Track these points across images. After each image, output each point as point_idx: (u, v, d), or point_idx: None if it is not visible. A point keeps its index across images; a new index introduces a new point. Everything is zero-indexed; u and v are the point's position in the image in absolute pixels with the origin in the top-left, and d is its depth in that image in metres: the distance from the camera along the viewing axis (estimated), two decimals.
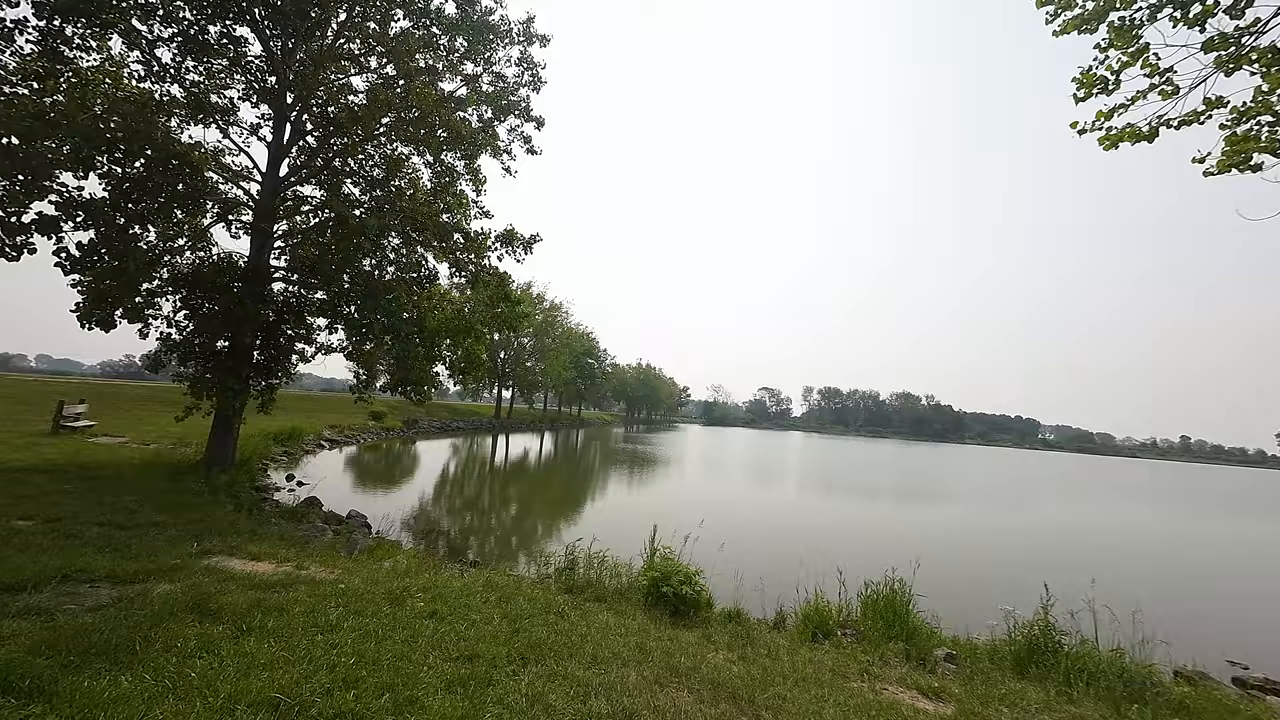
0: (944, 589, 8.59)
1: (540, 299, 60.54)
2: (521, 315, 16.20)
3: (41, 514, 7.13)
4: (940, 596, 6.81)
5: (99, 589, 4.55)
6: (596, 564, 6.74)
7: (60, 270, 10.06)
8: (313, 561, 6.33)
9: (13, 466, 10.96)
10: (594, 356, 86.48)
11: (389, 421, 36.25)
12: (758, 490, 24.99)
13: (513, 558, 10.17)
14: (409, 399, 14.24)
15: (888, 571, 6.44)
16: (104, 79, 11.57)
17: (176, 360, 12.14)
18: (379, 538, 9.96)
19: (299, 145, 14.36)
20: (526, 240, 15.97)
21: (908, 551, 9.70)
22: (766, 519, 16.71)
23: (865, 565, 7.70)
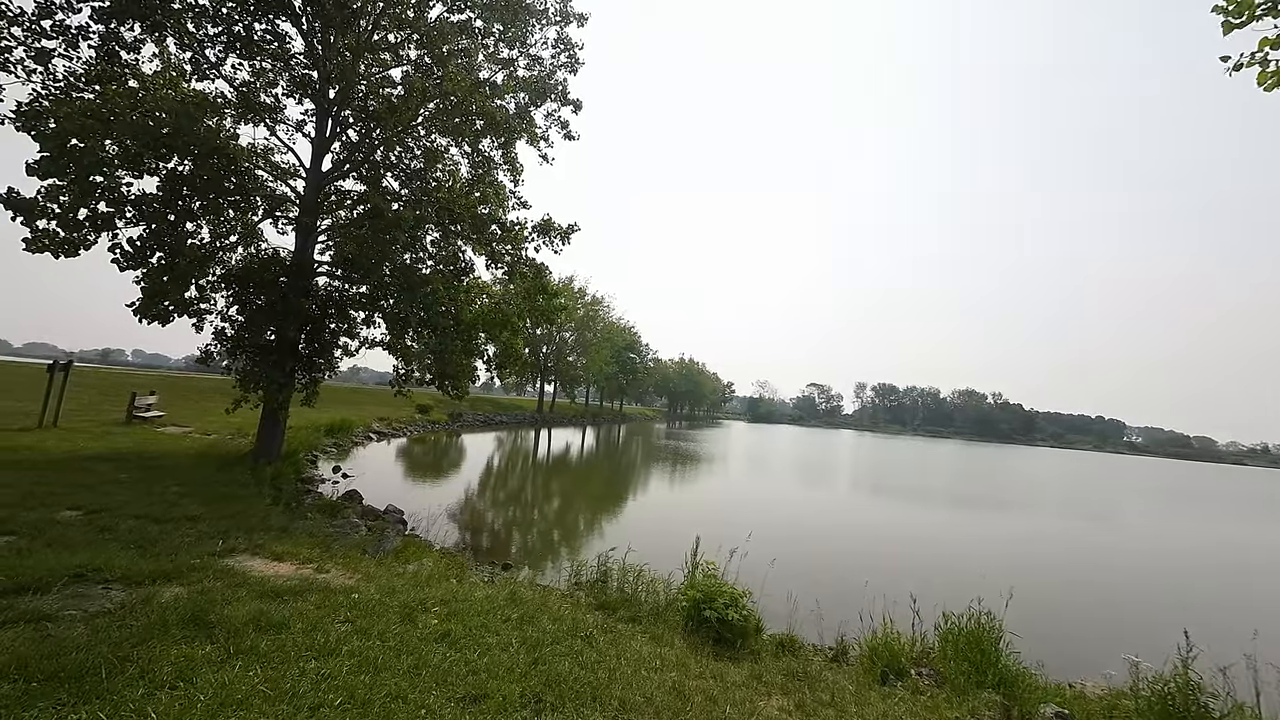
0: (1042, 625, 7.43)
1: (582, 293, 60.65)
2: (559, 308, 15.83)
3: (91, 504, 7.26)
4: (1038, 634, 5.78)
5: (110, 591, 4.34)
6: (632, 578, 6.12)
7: (115, 266, 10.41)
8: (335, 563, 6.04)
9: (85, 454, 11.54)
10: (636, 351, 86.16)
11: (434, 415, 37.15)
12: (811, 495, 23.12)
13: (544, 560, 9.73)
14: (446, 393, 14.13)
15: (972, 603, 5.46)
16: (164, 84, 11.94)
17: (225, 354, 12.44)
18: (411, 536, 9.76)
19: (341, 140, 14.47)
20: (564, 230, 15.54)
21: (993, 575, 8.58)
22: (823, 530, 15.13)
23: (943, 590, 6.76)
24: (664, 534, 11.67)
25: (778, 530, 13.66)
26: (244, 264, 13.48)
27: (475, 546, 10.12)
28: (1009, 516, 20.86)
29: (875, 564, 10.90)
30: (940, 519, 19.12)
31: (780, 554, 8.40)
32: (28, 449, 11.44)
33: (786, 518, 16.36)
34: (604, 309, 66.31)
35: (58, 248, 9.51)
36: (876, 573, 9.27)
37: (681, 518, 14.34)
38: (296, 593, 4.64)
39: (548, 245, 15.66)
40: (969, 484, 32.84)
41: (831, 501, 21.41)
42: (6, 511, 6.33)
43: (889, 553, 12.58)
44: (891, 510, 20.04)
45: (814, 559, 11.01)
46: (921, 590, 6.35)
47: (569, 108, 14.68)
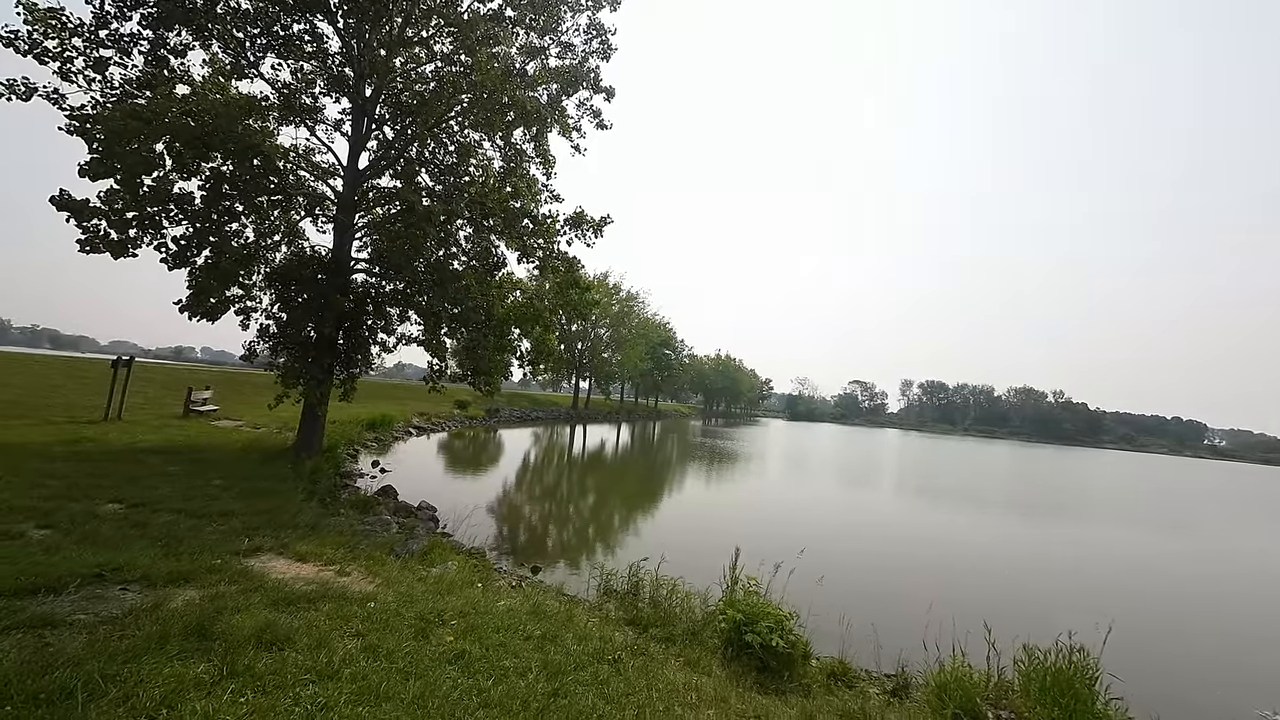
0: (1152, 666, 6.42)
1: (616, 289, 60.49)
2: (591, 302, 15.49)
3: (134, 498, 7.39)
4: (1147, 676, 4.93)
5: (126, 593, 4.21)
6: (666, 592, 5.65)
7: (164, 265, 10.73)
8: (358, 565, 5.84)
9: (140, 447, 12.04)
10: (671, 347, 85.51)
11: (472, 410, 37.78)
12: (860, 500, 21.36)
13: (575, 563, 9.39)
14: (478, 389, 14.04)
15: (1060, 636, 4.70)
16: (212, 88, 12.26)
17: (269, 350, 12.72)
18: (441, 535, 9.62)
19: (377, 138, 14.58)
20: (596, 222, 15.15)
21: (1084, 603, 7.55)
22: (876, 542, 13.57)
23: (1022, 618, 5.96)
24: (700, 542, 11.14)
25: (824, 541, 12.61)
26: (286, 262, 13.77)
27: (504, 547, 9.90)
28: (1095, 530, 18.49)
29: (940, 583, 9.81)
30: (1014, 533, 17.05)
31: (829, 568, 7.73)
32: (91, 441, 12.03)
33: (834, 527, 15.19)
34: (639, 305, 65.99)
35: (110, 248, 9.87)
36: (942, 594, 8.31)
37: (719, 523, 13.71)
38: (310, 600, 4.40)
39: (580, 238, 15.33)
40: (1038, 490, 30.58)
41: (884, 508, 19.75)
42: (54, 504, 6.47)
43: (955, 571, 11.22)
44: (955, 521, 18.24)
45: (868, 575, 10.03)
46: (996, 617, 5.59)
47: (601, 95, 14.26)
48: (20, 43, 10.97)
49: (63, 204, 9.30)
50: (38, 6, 11.09)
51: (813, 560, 7.35)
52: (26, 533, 5.29)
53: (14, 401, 17.58)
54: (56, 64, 11.14)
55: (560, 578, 8.42)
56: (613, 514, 14.96)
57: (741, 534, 12.29)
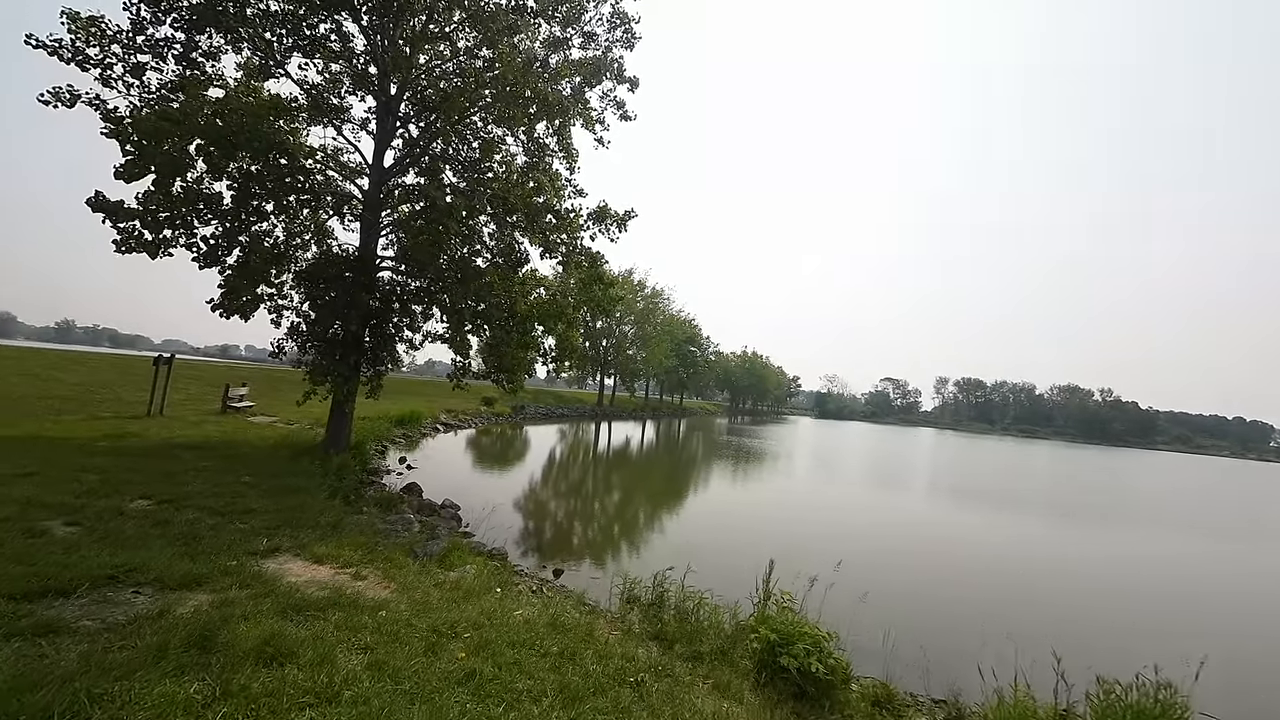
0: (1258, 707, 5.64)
1: (641, 286, 60.16)
2: (615, 298, 15.20)
3: (164, 494, 7.46)
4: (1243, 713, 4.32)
5: (137, 596, 4.12)
6: (693, 604, 5.29)
7: (196, 264, 10.93)
8: (375, 568, 5.69)
9: (177, 442, 12.36)
10: (696, 344, 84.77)
11: (499, 407, 38.10)
12: (900, 503, 20.06)
13: (597, 565, 9.11)
14: (501, 386, 13.93)
15: (1144, 669, 4.14)
16: (245, 91, 12.45)
17: (297, 348, 12.87)
18: (463, 534, 9.49)
19: (402, 136, 14.61)
20: (620, 217, 14.85)
21: (1172, 628, 6.72)
22: (922, 552, 12.31)
23: (1096, 646, 5.36)
24: (728, 546, 10.71)
25: (861, 547, 11.82)
26: (314, 261, 13.92)
27: (526, 547, 9.72)
28: (1173, 541, 16.80)
29: (995, 600, 8.92)
30: (1079, 546, 15.18)
31: (868, 578, 7.23)
32: (134, 436, 12.43)
33: (871, 532, 14.23)
34: (664, 301, 65.55)
35: (145, 248, 10.10)
36: (997, 612, 7.63)
37: (747, 526, 13.21)
38: (321, 608, 4.22)
39: (603, 233, 15.05)
40: (1097, 494, 28.88)
41: (926, 513, 18.51)
42: (84, 500, 6.55)
43: (1013, 587, 10.14)
44: (1008, 529, 16.74)
45: (912, 587, 9.24)
46: (1063, 641, 5.02)
47: (625, 86, 13.91)
48: (64, 51, 11.30)
49: (98, 206, 9.54)
50: (80, 15, 11.40)
51: (850, 571, 6.85)
52: (52, 530, 5.30)
53: (69, 397, 18.45)
54: (98, 70, 11.46)
55: (582, 582, 8.16)
56: (637, 514, 14.67)
57: (771, 538, 11.85)
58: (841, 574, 6.12)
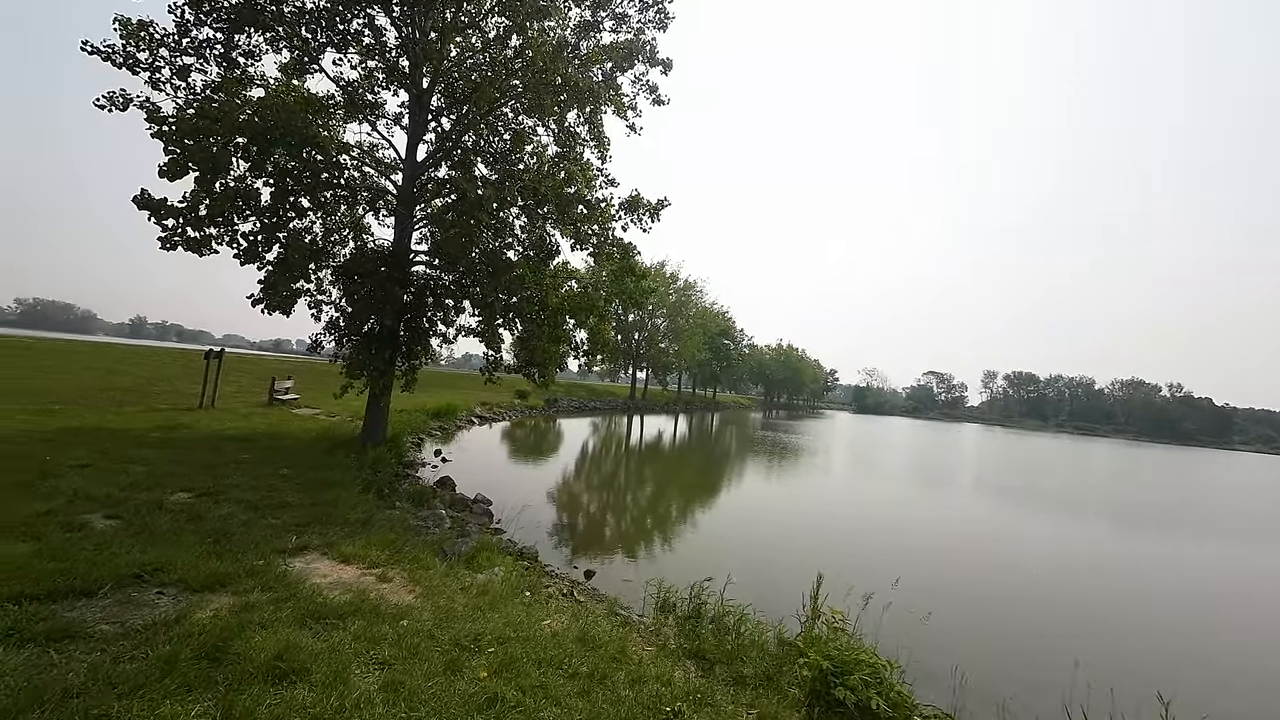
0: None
1: (674, 278, 59.49)
2: (648, 290, 14.80)
3: (203, 487, 7.58)
4: None
5: (160, 597, 4.03)
6: (733, 620, 4.88)
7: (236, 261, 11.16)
8: (401, 569, 5.52)
9: (223, 434, 12.77)
10: (730, 337, 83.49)
11: (532, 400, 38.41)
12: (960, 508, 18.35)
13: (630, 567, 8.79)
14: (532, 380, 13.77)
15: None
16: (284, 90, 12.64)
17: (334, 342, 13.06)
18: (493, 531, 9.35)
19: (434, 130, 14.59)
20: (653, 206, 14.41)
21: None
22: (992, 567, 10.87)
23: (1209, 680, 4.65)
24: (767, 551, 10.17)
25: (916, 557, 10.81)
26: (351, 257, 14.10)
27: (557, 545, 9.50)
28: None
29: (1085, 625, 7.71)
30: (1179, 561, 13.49)
31: (927, 593, 6.60)
32: (185, 427, 12.91)
33: (928, 539, 12.95)
34: (697, 294, 64.71)
35: (188, 244, 10.37)
36: (1089, 642, 6.73)
37: (788, 527, 12.58)
38: (340, 616, 4.03)
39: (636, 223, 14.65)
40: (1190, 500, 26.66)
41: (990, 518, 16.76)
42: (127, 492, 6.67)
43: (1099, 610, 8.75)
44: (1095, 541, 14.84)
45: (977, 605, 8.16)
46: (1167, 679, 4.35)
47: (658, 69, 13.39)
48: (116, 56, 11.67)
49: (143, 203, 9.82)
50: (131, 21, 11.74)
51: (905, 579, 6.25)
52: (91, 523, 5.36)
53: (132, 389, 19.52)
54: (148, 74, 11.80)
55: (615, 584, 7.87)
56: (671, 512, 14.29)
57: (812, 540, 11.25)
58: (894, 583, 5.57)
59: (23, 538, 4.62)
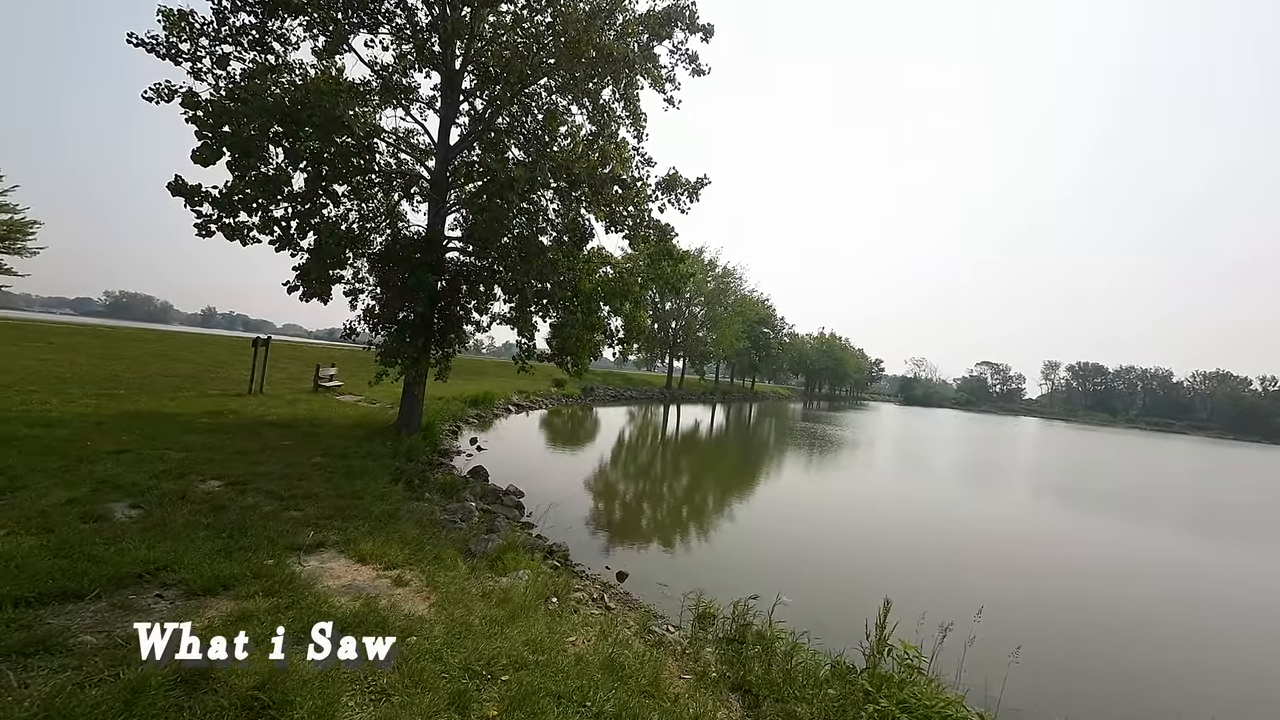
0: None
1: (712, 265, 58.09)
2: (686, 275, 14.06)
3: (235, 475, 7.49)
4: None
5: (159, 601, 3.75)
6: (784, 647, 4.22)
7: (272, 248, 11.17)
8: (419, 570, 5.15)
9: (266, 420, 13.00)
10: (770, 326, 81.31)
11: (568, 389, 38.40)
12: (1035, 511, 16.36)
13: (666, 569, 8.23)
14: (565, 369, 13.35)
15: None
16: (322, 79, 12.54)
17: (368, 329, 13.03)
18: (523, 526, 8.99)
19: (468, 114, 14.26)
20: (691, 185, 13.61)
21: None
22: (1096, 593, 9.12)
23: None
24: (820, 562, 9.34)
25: (992, 571, 9.48)
26: (387, 244, 14.02)
27: (588, 543, 9.05)
28: None
29: (1227, 667, 6.54)
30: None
31: (1012, 621, 5.70)
32: (232, 413, 13.22)
33: (1009, 554, 11.25)
34: (735, 281, 63.02)
35: (223, 231, 10.43)
36: (1233, 688, 5.63)
37: (843, 538, 11.39)
38: (343, 629, 3.62)
39: (673, 204, 13.89)
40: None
41: (1081, 527, 14.60)
42: (158, 480, 6.61)
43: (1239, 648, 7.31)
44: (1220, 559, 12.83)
45: (1082, 642, 6.69)
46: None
47: (698, 35, 12.49)
48: (160, 48, 11.80)
49: (177, 189, 9.89)
50: (174, 11, 11.83)
51: (991, 615, 5.33)
52: (112, 513, 5.24)
53: (190, 375, 20.45)
54: (189, 64, 11.89)
55: (649, 589, 7.33)
56: (711, 510, 13.64)
57: (872, 550, 10.29)
58: (977, 613, 4.75)
59: (36, 529, 4.48)
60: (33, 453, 7.02)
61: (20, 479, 5.78)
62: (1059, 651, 6.04)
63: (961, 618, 4.62)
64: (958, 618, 4.59)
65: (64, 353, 22.27)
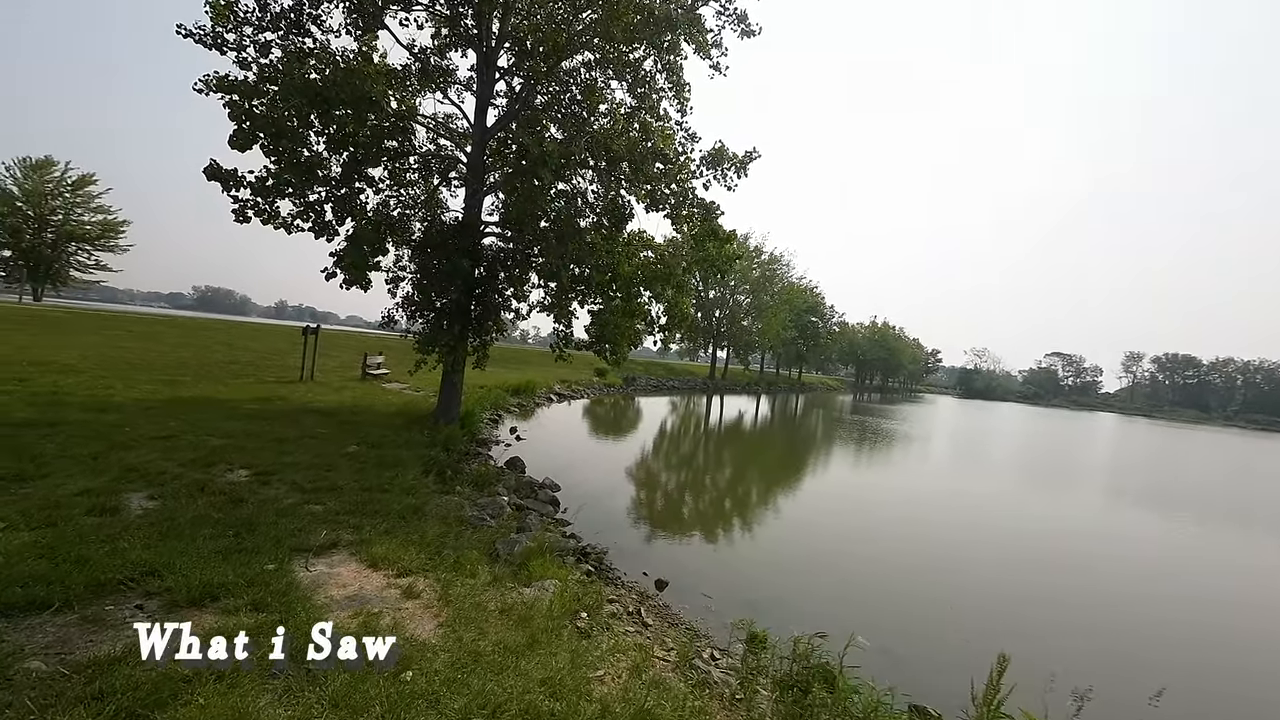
0: None
1: (758, 251, 56.02)
2: (732, 256, 13.05)
3: (265, 464, 7.29)
4: None
5: (137, 615, 3.35)
6: (861, 707, 3.38)
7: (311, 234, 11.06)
8: (435, 578, 4.63)
9: (310, 407, 13.10)
10: (818, 314, 78.15)
11: (610, 379, 38.05)
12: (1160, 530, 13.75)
13: (712, 579, 7.45)
14: (604, 358, 12.72)
15: None
16: (362, 64, 12.34)
17: (406, 317, 12.85)
18: (556, 523, 8.44)
19: (506, 95, 13.77)
20: (739, 159, 12.58)
21: None
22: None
23: None
24: (893, 582, 8.27)
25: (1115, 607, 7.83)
26: (425, 230, 13.79)
27: (625, 544, 8.39)
28: None
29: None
30: None
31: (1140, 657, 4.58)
32: (280, 399, 13.45)
33: (1131, 579, 9.36)
34: (782, 268, 60.61)
35: (260, 217, 10.39)
36: None
37: (921, 555, 9.66)
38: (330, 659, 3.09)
39: (719, 180, 12.90)
40: None
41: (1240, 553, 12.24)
42: (184, 469, 6.46)
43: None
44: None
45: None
46: None
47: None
48: (206, 39, 11.87)
49: (213, 174, 9.87)
50: (220, 1, 11.86)
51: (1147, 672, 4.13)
52: (125, 505, 5.01)
53: (250, 363, 21.33)
54: (235, 54, 11.92)
55: (693, 599, 6.62)
56: (761, 511, 12.71)
57: (956, 570, 8.98)
58: (1119, 669, 3.72)
59: (38, 524, 4.24)
60: (75, 438, 7.06)
61: (49, 465, 5.71)
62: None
63: (1095, 675, 3.62)
64: (1088, 674, 3.60)
65: (141, 341, 23.82)
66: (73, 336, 22.24)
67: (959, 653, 5.74)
